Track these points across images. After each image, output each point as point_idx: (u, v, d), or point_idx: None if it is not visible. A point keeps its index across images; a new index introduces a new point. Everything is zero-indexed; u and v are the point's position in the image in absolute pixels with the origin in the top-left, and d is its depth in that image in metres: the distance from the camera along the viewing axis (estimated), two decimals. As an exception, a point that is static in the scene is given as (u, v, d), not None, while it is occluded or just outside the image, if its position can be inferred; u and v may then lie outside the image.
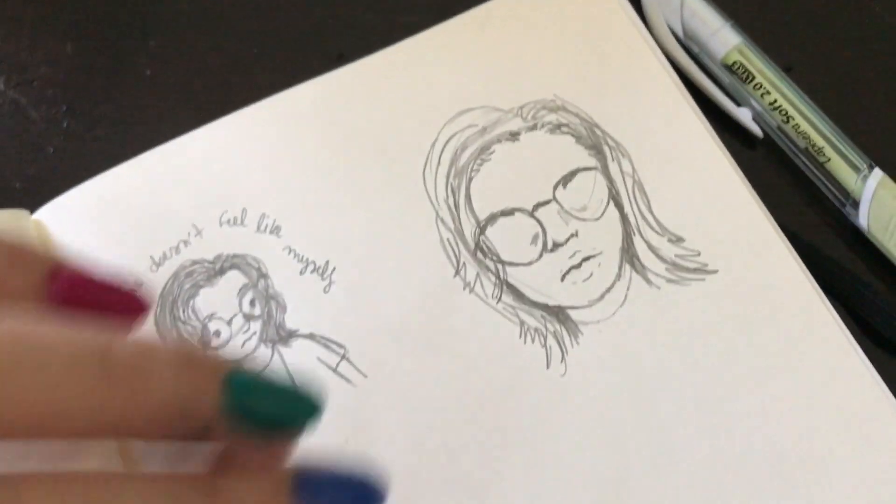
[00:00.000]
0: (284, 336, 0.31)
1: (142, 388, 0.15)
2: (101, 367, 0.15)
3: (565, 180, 0.33)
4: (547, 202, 0.33)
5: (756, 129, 0.35)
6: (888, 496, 0.29)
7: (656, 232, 0.32)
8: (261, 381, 0.16)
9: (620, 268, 0.32)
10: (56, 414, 0.14)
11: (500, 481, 0.29)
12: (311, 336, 0.31)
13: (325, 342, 0.31)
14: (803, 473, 0.29)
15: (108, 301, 0.17)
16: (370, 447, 0.30)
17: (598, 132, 0.34)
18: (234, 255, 0.32)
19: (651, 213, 0.32)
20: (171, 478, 0.16)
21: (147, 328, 0.31)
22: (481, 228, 0.32)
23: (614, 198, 0.33)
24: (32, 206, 0.34)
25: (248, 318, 0.31)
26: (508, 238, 0.32)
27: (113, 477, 0.15)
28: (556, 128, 0.34)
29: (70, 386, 0.14)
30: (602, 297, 0.31)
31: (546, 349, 0.31)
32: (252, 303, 0.32)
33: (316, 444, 0.23)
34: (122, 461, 0.19)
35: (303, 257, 0.32)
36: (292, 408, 0.17)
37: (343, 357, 0.31)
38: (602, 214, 0.33)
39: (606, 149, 0.33)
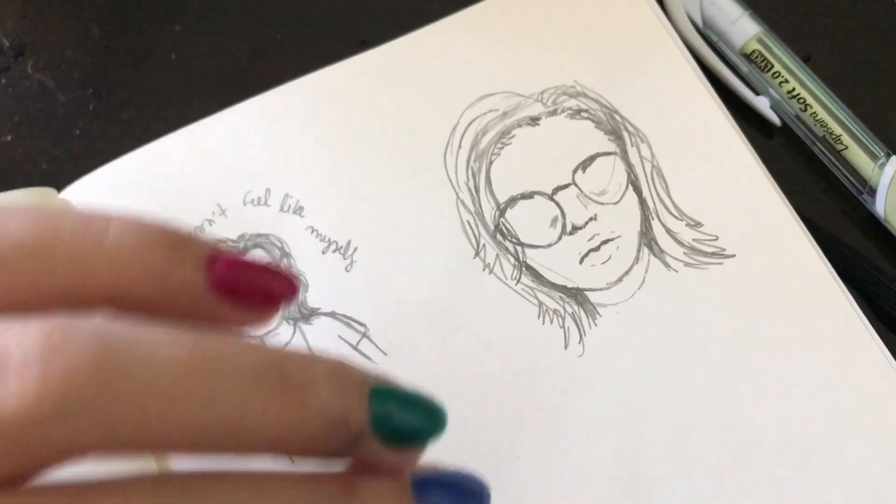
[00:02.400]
0: (306, 314, 0.32)
1: (311, 404, 0.15)
2: (279, 381, 0.15)
3: (585, 165, 0.33)
4: (566, 186, 0.33)
5: (774, 118, 0.35)
6: (902, 480, 0.29)
7: (674, 216, 0.33)
8: (400, 394, 0.17)
9: (639, 251, 0.32)
10: (241, 428, 0.15)
11: (518, 460, 0.29)
12: (332, 314, 0.32)
13: (346, 320, 0.31)
14: (818, 455, 0.29)
15: (265, 283, 0.18)
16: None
17: (618, 118, 0.34)
18: (258, 235, 0.33)
19: (669, 197, 0.33)
20: (308, 477, 0.16)
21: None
22: (501, 211, 0.33)
23: (633, 182, 0.33)
24: (59, 186, 0.34)
25: (271, 295, 0.32)
26: (528, 221, 0.33)
27: (248, 477, 0.15)
28: (576, 113, 0.34)
29: (257, 399, 0.15)
30: (620, 279, 0.32)
31: (564, 330, 0.31)
32: (275, 281, 0.32)
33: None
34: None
35: (325, 237, 0.33)
36: (427, 422, 0.17)
37: (364, 335, 0.31)
38: (621, 199, 0.33)
39: (626, 134, 0.34)
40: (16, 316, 0.14)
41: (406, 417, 0.17)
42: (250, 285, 0.17)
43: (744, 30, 0.35)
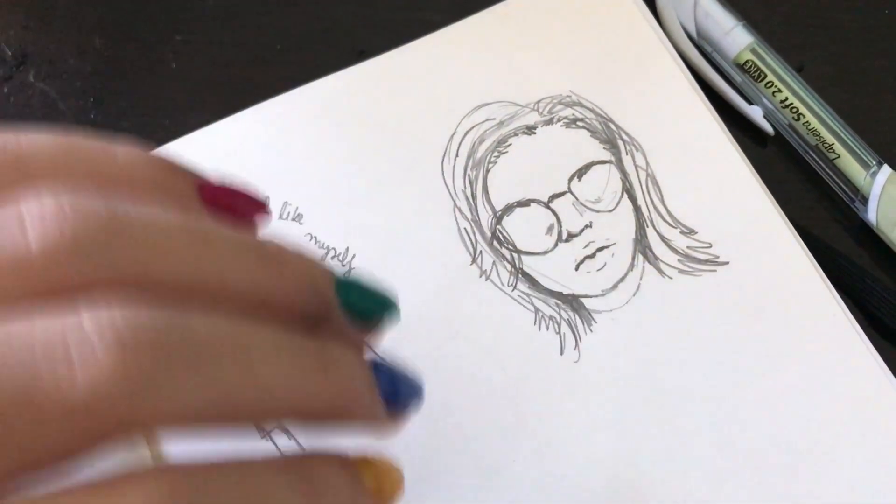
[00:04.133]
0: (305, 320, 0.32)
1: (287, 272, 0.18)
2: (258, 253, 0.18)
3: (580, 173, 0.34)
4: (562, 194, 0.33)
5: (767, 127, 0.36)
6: (895, 485, 0.29)
7: (669, 224, 0.33)
8: (359, 281, 0.20)
9: (633, 258, 0.32)
10: (227, 282, 0.17)
11: (513, 464, 0.30)
12: (330, 320, 0.32)
13: (344, 326, 0.32)
14: (811, 463, 0.29)
15: (244, 205, 0.21)
16: (387, 428, 0.30)
17: (613, 127, 0.34)
18: (257, 242, 0.33)
19: (664, 205, 0.33)
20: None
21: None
22: (498, 218, 0.33)
23: (628, 190, 0.33)
24: (61, 194, 0.35)
25: (270, 302, 0.32)
26: (524, 228, 0.33)
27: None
28: (572, 122, 0.34)
29: (241, 262, 0.18)
30: (615, 286, 0.32)
31: (560, 336, 0.31)
32: (274, 287, 0.32)
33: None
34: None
35: (323, 244, 0.33)
36: (382, 302, 0.21)
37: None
38: (616, 206, 0.33)
39: (620, 143, 0.34)
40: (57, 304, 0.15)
41: (363, 296, 0.20)
42: (232, 206, 0.20)
43: (737, 40, 0.36)
